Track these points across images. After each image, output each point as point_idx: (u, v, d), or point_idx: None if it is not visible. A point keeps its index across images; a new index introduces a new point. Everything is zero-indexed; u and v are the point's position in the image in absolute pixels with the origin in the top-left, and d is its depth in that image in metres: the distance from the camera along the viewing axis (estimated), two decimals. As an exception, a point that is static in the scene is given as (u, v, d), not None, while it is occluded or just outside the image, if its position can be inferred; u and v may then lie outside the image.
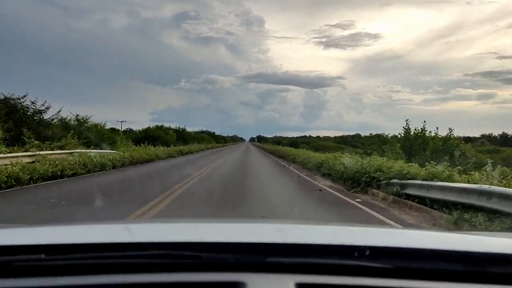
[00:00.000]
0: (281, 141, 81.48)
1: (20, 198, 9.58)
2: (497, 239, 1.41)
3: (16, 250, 0.95)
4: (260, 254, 0.96)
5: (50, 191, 10.42)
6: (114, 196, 9.86)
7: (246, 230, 1.29)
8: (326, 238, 1.09)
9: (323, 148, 40.25)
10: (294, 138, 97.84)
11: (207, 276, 0.92)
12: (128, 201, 8.89)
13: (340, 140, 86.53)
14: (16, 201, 9.08)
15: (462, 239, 1.29)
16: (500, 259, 0.99)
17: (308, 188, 12.50)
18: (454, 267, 0.96)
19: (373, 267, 0.95)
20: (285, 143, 68.51)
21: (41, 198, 9.23)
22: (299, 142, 70.50)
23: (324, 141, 77.38)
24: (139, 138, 36.15)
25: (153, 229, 1.34)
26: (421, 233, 1.59)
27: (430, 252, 0.99)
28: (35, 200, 8.97)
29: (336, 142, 72.33)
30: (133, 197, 9.60)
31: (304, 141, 74.82)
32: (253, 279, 0.90)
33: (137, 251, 0.96)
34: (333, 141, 79.09)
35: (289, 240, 1.02)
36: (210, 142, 76.85)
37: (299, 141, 77.13)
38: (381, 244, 1.02)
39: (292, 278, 0.91)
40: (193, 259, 0.94)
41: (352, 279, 0.93)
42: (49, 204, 8.24)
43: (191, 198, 9.61)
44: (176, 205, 8.36)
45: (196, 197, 9.86)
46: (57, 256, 0.94)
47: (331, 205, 9.18)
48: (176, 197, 9.32)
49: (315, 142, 73.85)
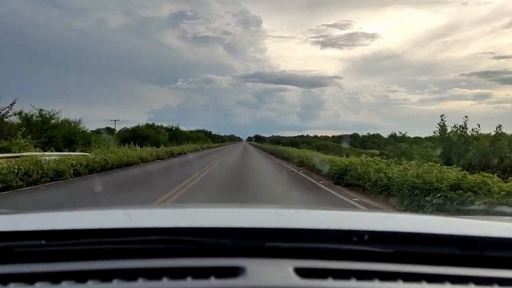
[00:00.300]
0: (280, 141, 77.92)
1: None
2: (495, 223, 1.39)
3: (17, 236, 0.96)
4: (259, 239, 0.98)
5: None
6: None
7: (245, 215, 1.30)
8: (325, 223, 1.09)
9: (325, 148, 38.45)
10: (292, 137, 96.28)
11: (206, 261, 0.92)
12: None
13: (339, 139, 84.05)
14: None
15: (460, 223, 1.30)
16: (498, 243, 1.01)
17: (340, 205, 8.87)
18: (453, 251, 0.98)
19: (372, 251, 0.96)
20: (284, 142, 66.03)
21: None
22: (299, 141, 68.55)
23: (322, 141, 75.83)
24: (127, 138, 32.54)
25: (153, 215, 1.36)
26: (420, 218, 1.55)
27: (429, 237, 1.01)
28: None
29: (335, 142, 70.75)
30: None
31: (303, 141, 73.45)
32: (252, 264, 0.91)
33: (137, 236, 0.97)
34: (331, 141, 77.55)
35: (288, 225, 1.04)
36: (206, 141, 72.04)
37: (298, 140, 75.24)
38: (380, 229, 1.03)
39: (291, 263, 0.91)
40: (192, 244, 0.96)
41: (352, 264, 0.93)
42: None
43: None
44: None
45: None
46: (57, 242, 0.95)
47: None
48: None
49: (314, 141, 72.19)
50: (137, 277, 0.86)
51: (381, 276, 0.89)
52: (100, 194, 10.14)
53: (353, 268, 0.92)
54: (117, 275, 0.86)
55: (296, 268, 0.89)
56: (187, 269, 0.89)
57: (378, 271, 0.91)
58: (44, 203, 8.94)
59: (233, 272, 0.88)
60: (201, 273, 0.88)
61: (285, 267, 0.90)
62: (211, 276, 0.86)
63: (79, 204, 9.00)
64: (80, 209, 2.07)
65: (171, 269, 0.89)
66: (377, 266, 0.92)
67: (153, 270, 0.89)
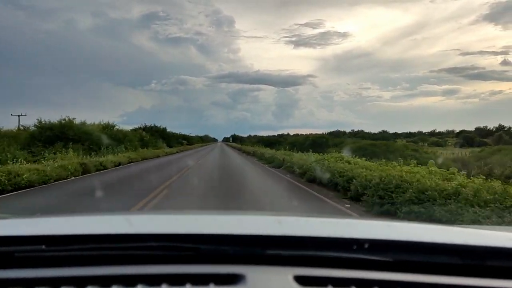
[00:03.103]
0: (261, 140, 66.33)
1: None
2: (496, 232, 1.37)
3: (17, 241, 0.96)
4: (259, 247, 0.97)
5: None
6: None
7: (246, 222, 1.29)
8: (325, 231, 1.08)
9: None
10: (269, 136, 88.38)
11: (206, 268, 0.92)
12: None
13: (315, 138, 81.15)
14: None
15: (461, 232, 1.30)
16: (498, 253, 1.00)
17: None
18: (453, 261, 0.97)
19: (372, 260, 0.95)
20: (265, 141, 58.94)
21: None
22: (276, 141, 60.83)
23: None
24: (48, 138, 22.63)
25: (153, 221, 1.34)
26: (420, 227, 1.51)
27: (429, 246, 1.00)
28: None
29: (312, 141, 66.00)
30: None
31: (279, 141, 65.05)
32: (252, 271, 0.90)
33: (136, 242, 0.97)
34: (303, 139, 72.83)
35: (288, 232, 1.02)
36: (152, 144, 40.77)
37: (276, 140, 66.65)
38: (380, 237, 1.02)
39: (291, 271, 0.91)
40: (192, 251, 0.95)
41: (351, 272, 0.92)
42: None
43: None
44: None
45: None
46: (57, 247, 0.95)
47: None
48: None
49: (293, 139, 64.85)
50: (136, 283, 0.85)
51: (381, 285, 0.89)
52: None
53: (353, 276, 0.91)
54: (116, 281, 0.86)
55: (296, 276, 0.89)
56: (187, 276, 0.89)
57: (378, 280, 0.90)
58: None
59: (233, 280, 0.88)
60: (201, 280, 0.87)
61: (285, 275, 0.89)
62: (211, 283, 0.86)
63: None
64: (81, 214, 2.05)
65: (170, 276, 0.88)
66: (376, 275, 0.92)
67: (153, 276, 0.88)
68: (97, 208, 8.15)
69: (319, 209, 9.02)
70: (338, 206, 9.22)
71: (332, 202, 9.89)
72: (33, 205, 9.19)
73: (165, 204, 8.85)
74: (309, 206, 9.54)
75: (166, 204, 8.85)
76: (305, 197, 11.10)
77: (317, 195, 11.19)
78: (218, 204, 8.83)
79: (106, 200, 9.78)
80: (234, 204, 9.09)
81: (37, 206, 9.06)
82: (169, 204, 8.90)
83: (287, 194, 11.74)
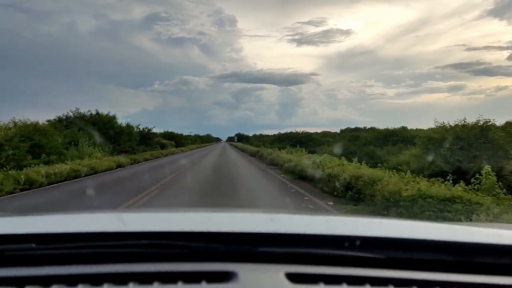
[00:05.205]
0: (284, 139, 47.92)
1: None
2: (485, 229, 1.38)
3: (7, 239, 0.95)
4: (251, 244, 0.96)
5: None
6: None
7: (238, 220, 1.29)
8: (317, 228, 1.08)
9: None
10: (272, 135, 73.72)
11: (198, 266, 0.92)
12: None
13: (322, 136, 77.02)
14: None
15: (452, 229, 1.30)
16: (488, 249, 1.01)
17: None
18: (445, 257, 0.98)
19: (364, 257, 0.95)
20: (272, 139, 49.19)
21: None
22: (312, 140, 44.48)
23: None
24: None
25: (145, 219, 1.34)
26: (412, 224, 1.54)
27: (421, 243, 1.00)
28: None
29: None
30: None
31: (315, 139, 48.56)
32: (244, 269, 0.90)
33: (128, 240, 0.96)
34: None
35: (281, 230, 1.02)
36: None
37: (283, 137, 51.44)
38: (372, 234, 1.01)
39: (283, 268, 0.91)
40: (184, 249, 0.95)
41: (343, 269, 0.92)
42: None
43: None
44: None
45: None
46: (48, 246, 0.94)
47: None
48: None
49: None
50: (128, 282, 0.85)
51: (373, 282, 0.89)
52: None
53: (345, 273, 0.91)
54: (107, 279, 0.86)
55: (288, 273, 0.89)
56: (178, 273, 0.89)
57: (370, 277, 0.90)
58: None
59: (225, 277, 0.88)
60: (193, 277, 0.87)
61: (276, 272, 0.89)
62: (203, 281, 0.86)
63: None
64: (71, 212, 2.03)
65: (162, 274, 0.88)
66: (368, 272, 0.92)
67: (144, 274, 0.88)
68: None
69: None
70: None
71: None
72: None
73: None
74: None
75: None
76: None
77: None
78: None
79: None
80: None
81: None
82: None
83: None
